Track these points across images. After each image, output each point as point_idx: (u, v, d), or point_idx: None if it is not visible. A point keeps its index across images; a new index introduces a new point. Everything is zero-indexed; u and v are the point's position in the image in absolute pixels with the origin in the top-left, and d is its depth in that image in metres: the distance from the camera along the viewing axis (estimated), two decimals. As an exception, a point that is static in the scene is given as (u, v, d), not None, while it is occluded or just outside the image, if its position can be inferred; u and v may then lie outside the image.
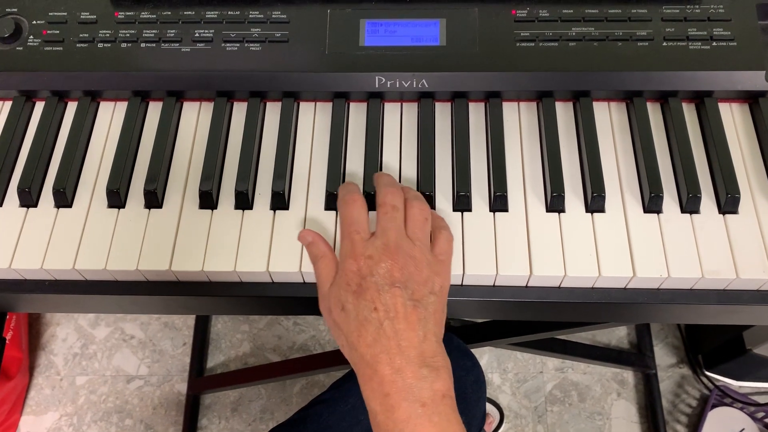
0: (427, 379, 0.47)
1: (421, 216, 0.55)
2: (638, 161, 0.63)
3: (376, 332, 0.49)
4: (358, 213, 0.55)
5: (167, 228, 0.61)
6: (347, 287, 0.51)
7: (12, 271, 0.61)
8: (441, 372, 0.48)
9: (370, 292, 0.49)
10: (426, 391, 0.47)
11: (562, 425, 1.32)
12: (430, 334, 0.49)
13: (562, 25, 0.65)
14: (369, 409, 0.49)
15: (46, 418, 1.36)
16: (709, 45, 0.64)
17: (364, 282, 0.50)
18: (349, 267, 0.51)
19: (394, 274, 0.50)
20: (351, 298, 0.50)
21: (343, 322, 0.51)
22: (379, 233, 0.53)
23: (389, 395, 0.47)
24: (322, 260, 0.55)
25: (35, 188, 0.63)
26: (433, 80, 0.65)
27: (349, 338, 0.50)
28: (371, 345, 0.49)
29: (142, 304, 0.66)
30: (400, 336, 0.48)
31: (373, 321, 0.49)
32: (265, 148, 0.66)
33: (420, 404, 0.47)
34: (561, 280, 0.59)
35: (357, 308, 0.50)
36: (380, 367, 0.48)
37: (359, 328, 0.49)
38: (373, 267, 0.50)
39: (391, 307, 0.49)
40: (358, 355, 0.49)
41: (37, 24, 0.67)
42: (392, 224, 0.53)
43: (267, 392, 1.37)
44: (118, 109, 0.68)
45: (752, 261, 0.58)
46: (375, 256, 0.51)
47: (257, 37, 0.66)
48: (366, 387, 0.49)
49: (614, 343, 1.39)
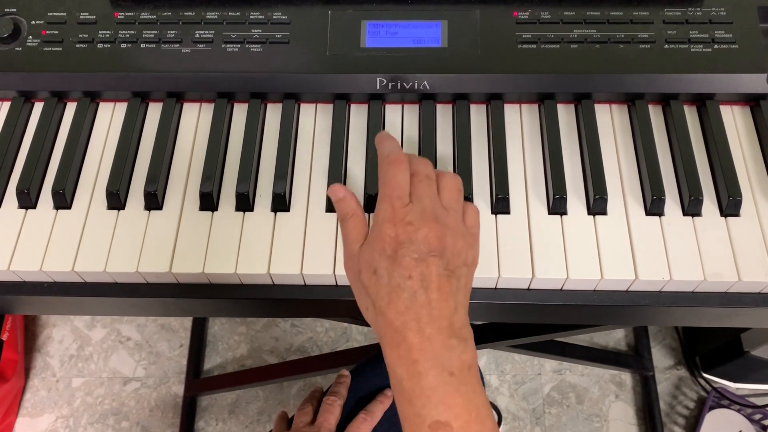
0: (456, 350, 0.47)
1: (455, 185, 0.54)
2: (640, 164, 0.63)
3: (409, 300, 0.48)
4: (403, 177, 0.52)
5: (167, 230, 0.61)
6: (382, 251, 0.49)
7: (10, 273, 0.60)
8: (468, 342, 0.48)
9: (406, 260, 0.48)
10: (455, 360, 0.47)
11: (560, 427, 1.32)
12: (460, 306, 0.49)
13: (564, 27, 0.65)
14: (393, 375, 0.48)
15: (42, 420, 1.35)
16: (711, 47, 0.64)
17: (402, 249, 0.48)
18: (387, 231, 0.49)
19: (432, 243, 0.49)
20: (386, 263, 0.49)
21: (372, 286, 0.50)
22: (416, 200, 0.51)
23: (418, 362, 0.47)
24: (353, 219, 0.54)
25: (34, 189, 0.63)
26: (435, 82, 0.65)
27: (377, 302, 0.49)
28: (403, 312, 0.47)
29: (142, 307, 0.66)
30: (432, 306, 0.48)
31: (406, 289, 0.48)
32: (266, 150, 0.65)
33: (448, 373, 0.46)
34: (563, 282, 0.59)
35: (391, 274, 0.48)
36: (410, 334, 0.47)
37: (390, 294, 0.48)
38: (412, 234, 0.49)
39: (426, 276, 0.48)
40: (386, 320, 0.48)
41: (36, 24, 0.67)
42: (427, 191, 0.52)
43: (264, 394, 1.37)
44: (118, 109, 0.68)
45: (754, 263, 0.58)
46: (415, 222, 0.49)
47: (258, 38, 0.65)
48: (392, 353, 0.48)
49: (612, 345, 1.40)
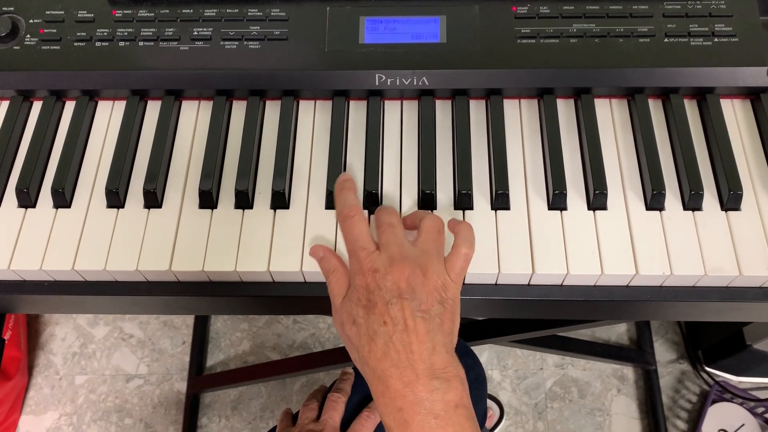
0: (439, 391, 0.47)
1: (434, 227, 0.55)
2: (640, 158, 0.63)
3: (385, 346, 0.49)
4: (359, 230, 0.55)
5: (167, 228, 0.61)
6: (358, 302, 0.51)
7: (11, 272, 0.60)
8: (453, 382, 0.48)
9: (378, 306, 0.50)
10: (438, 403, 0.47)
11: (563, 421, 1.32)
12: (439, 346, 0.49)
13: (563, 21, 0.65)
14: (385, 425, 0.49)
15: (46, 418, 1.36)
16: (711, 41, 0.63)
17: (372, 296, 0.50)
18: (358, 282, 0.52)
19: (401, 287, 0.50)
20: (362, 312, 0.51)
21: (354, 336, 0.51)
22: (383, 248, 0.53)
23: (402, 410, 0.47)
24: (334, 274, 0.55)
25: (33, 188, 0.63)
26: (434, 78, 0.64)
27: (360, 352, 0.51)
28: (381, 359, 0.49)
29: (142, 305, 0.66)
30: (409, 349, 0.48)
31: (382, 335, 0.49)
32: (265, 147, 0.65)
33: (433, 416, 0.47)
34: (563, 278, 0.59)
35: (367, 322, 0.50)
36: (391, 382, 0.48)
37: (369, 343, 0.50)
38: (379, 281, 0.50)
39: (399, 320, 0.49)
40: (370, 369, 0.50)
41: (34, 23, 0.66)
42: (392, 238, 0.53)
43: (267, 390, 1.37)
44: (117, 108, 0.68)
45: (755, 258, 0.58)
46: (381, 269, 0.51)
47: (256, 35, 0.65)
48: (379, 402, 0.49)
49: (614, 339, 1.39)
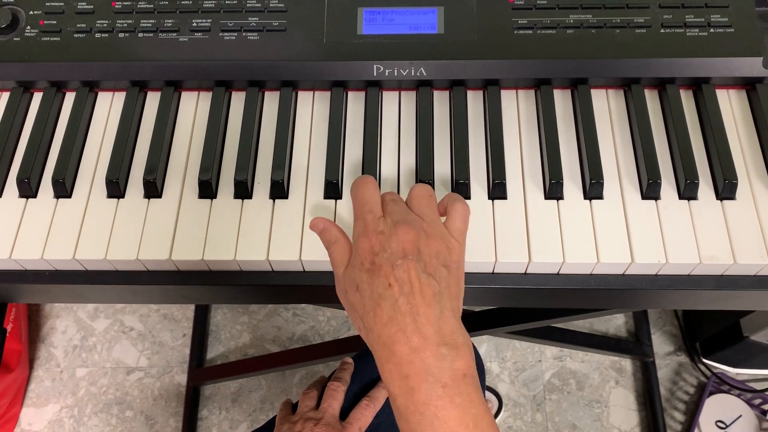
0: (447, 358, 0.45)
1: (424, 192, 0.54)
2: (636, 148, 0.64)
3: (391, 309, 0.47)
4: (371, 193, 0.53)
5: (167, 217, 0.62)
6: (361, 266, 0.49)
7: (12, 261, 0.61)
8: (461, 350, 0.46)
9: (384, 268, 0.48)
10: (446, 370, 0.45)
11: (561, 413, 1.33)
12: (447, 310, 0.48)
13: (560, 12, 0.65)
14: (389, 393, 0.47)
15: (47, 410, 1.37)
16: (707, 31, 0.64)
17: (377, 258, 0.49)
18: (362, 245, 0.50)
19: (407, 247, 0.49)
20: (365, 276, 0.49)
21: (358, 302, 0.49)
22: (387, 215, 0.52)
23: (408, 377, 0.45)
24: (336, 245, 0.54)
25: (34, 179, 0.63)
26: (432, 68, 0.65)
27: (365, 319, 0.49)
28: (387, 324, 0.47)
29: (143, 294, 0.66)
30: (415, 312, 0.46)
31: (387, 298, 0.47)
32: (264, 138, 0.66)
33: (440, 385, 0.45)
34: (560, 266, 0.59)
35: (371, 286, 0.48)
36: (397, 347, 0.46)
37: (374, 308, 0.47)
38: (384, 242, 0.49)
39: (405, 281, 0.47)
40: (375, 335, 0.48)
41: (34, 14, 0.67)
42: (396, 207, 0.52)
43: (267, 383, 1.38)
44: (117, 99, 0.68)
45: (749, 246, 0.58)
46: (386, 231, 0.50)
47: (255, 26, 0.66)
48: (384, 369, 0.47)
49: (612, 331, 1.40)
